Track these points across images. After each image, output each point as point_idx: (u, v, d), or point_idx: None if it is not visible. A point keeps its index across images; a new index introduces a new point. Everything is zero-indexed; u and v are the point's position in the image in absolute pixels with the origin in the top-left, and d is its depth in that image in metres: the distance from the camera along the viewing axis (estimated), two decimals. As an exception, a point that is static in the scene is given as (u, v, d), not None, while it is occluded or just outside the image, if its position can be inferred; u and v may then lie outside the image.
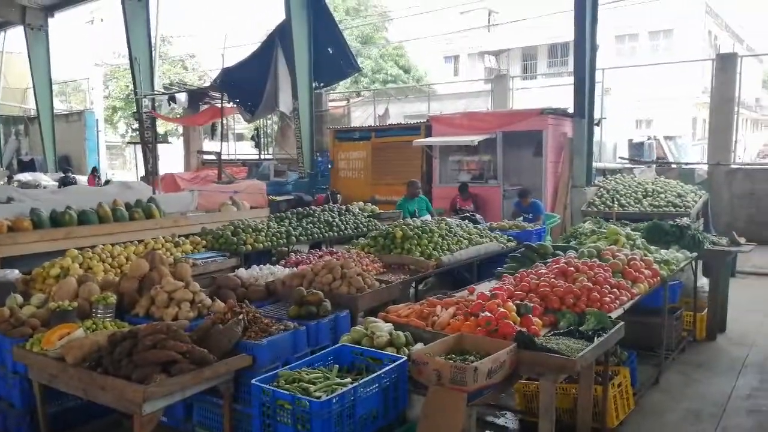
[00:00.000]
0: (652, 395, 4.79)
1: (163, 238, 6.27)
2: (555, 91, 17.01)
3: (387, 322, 3.83)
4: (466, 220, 7.46)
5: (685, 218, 7.51)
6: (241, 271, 5.19)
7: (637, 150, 15.73)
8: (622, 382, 4.25)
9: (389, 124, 16.38)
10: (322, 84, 14.90)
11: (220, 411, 3.45)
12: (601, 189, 9.77)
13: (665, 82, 24.01)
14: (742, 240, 6.61)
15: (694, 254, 5.86)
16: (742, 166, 13.17)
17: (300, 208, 8.14)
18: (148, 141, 14.91)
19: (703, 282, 6.48)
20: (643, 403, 4.60)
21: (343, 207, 8.55)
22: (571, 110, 10.77)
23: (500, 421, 4.37)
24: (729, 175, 12.43)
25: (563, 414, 4.08)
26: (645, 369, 5.01)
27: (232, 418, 3.38)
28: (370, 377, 2.98)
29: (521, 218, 8.80)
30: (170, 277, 4.37)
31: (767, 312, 7.21)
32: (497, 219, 9.31)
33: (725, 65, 12.93)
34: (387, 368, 3.08)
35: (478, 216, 8.23)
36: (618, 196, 9.36)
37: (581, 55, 10.13)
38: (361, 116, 20.58)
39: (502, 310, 3.68)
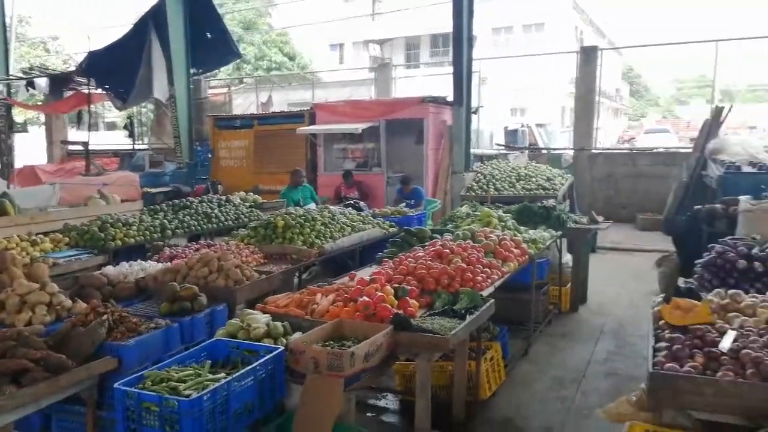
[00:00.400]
0: (521, 366, 5.11)
1: (18, 236, 5.71)
2: (437, 80, 17.52)
3: (265, 313, 3.77)
4: (350, 208, 7.52)
5: (552, 200, 8.04)
6: (109, 269, 4.86)
7: (511, 137, 16.61)
8: (494, 356, 4.50)
9: (272, 112, 16.06)
10: (200, 70, 14.27)
11: (83, 419, 3.22)
12: (479, 174, 10.19)
13: (538, 73, 25.57)
14: (601, 219, 7.21)
15: (559, 233, 6.32)
16: (603, 151, 14.35)
17: (177, 200, 7.78)
18: (2, 130, 13.50)
19: (568, 258, 7.00)
20: (513, 374, 4.90)
21: (224, 197, 8.28)
22: (450, 99, 11.14)
23: (381, 403, 4.47)
24: (591, 160, 13.48)
25: (440, 390, 4.24)
26: (515, 342, 5.35)
27: (96, 426, 3.17)
28: (244, 370, 2.91)
29: (404, 204, 9.00)
30: (23, 278, 4.00)
31: (623, 283, 7.94)
32: (381, 206, 9.46)
33: (588, 57, 13.94)
34: (262, 360, 3.02)
35: (361, 203, 8.32)
36: (494, 180, 9.82)
37: (459, 46, 10.48)
38: (243, 104, 20.00)
39: (380, 294, 3.75)
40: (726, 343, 2.88)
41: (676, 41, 36.80)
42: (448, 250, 4.66)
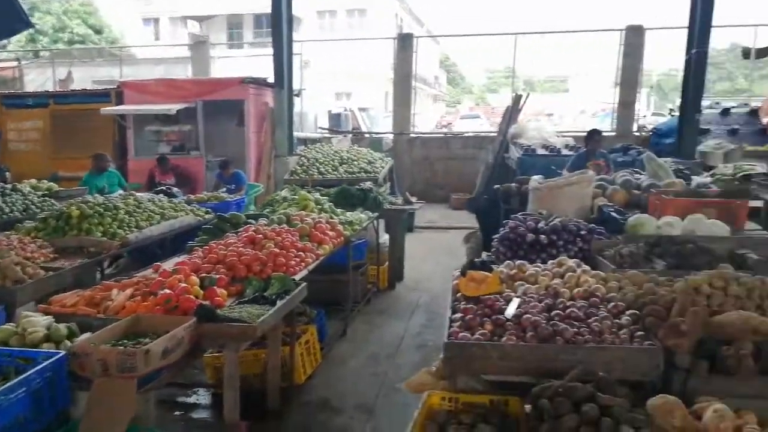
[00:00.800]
0: (340, 346, 5.20)
1: None
2: (262, 61, 16.95)
3: (49, 314, 3.36)
4: (161, 194, 7.04)
5: (369, 182, 8.26)
6: None
7: (335, 120, 16.76)
8: (309, 340, 4.50)
9: (72, 90, 14.43)
10: (-20, 40, 12.38)
11: None
12: (303, 158, 10.17)
13: (362, 58, 26.07)
14: (414, 199, 7.60)
15: (376, 214, 6.52)
16: (420, 135, 15.09)
17: (-54, 190, 6.64)
18: None
19: (386, 238, 7.25)
20: (331, 356, 4.96)
21: (9, 186, 7.25)
22: (272, 80, 10.89)
23: (191, 399, 4.25)
24: (409, 143, 14.12)
25: (254, 379, 4.12)
26: (334, 323, 5.41)
27: None
28: (13, 382, 2.54)
29: (224, 189, 8.64)
30: None
31: (437, 260, 8.42)
32: (201, 191, 8.98)
33: (405, 44, 14.54)
34: (38, 368, 2.67)
35: (175, 189, 7.81)
36: (317, 164, 9.86)
37: (278, 27, 10.26)
38: (38, 80, 17.72)
39: (183, 285, 3.54)
40: (511, 309, 3.15)
41: (482, 33, 39.99)
42: (261, 236, 4.55)
